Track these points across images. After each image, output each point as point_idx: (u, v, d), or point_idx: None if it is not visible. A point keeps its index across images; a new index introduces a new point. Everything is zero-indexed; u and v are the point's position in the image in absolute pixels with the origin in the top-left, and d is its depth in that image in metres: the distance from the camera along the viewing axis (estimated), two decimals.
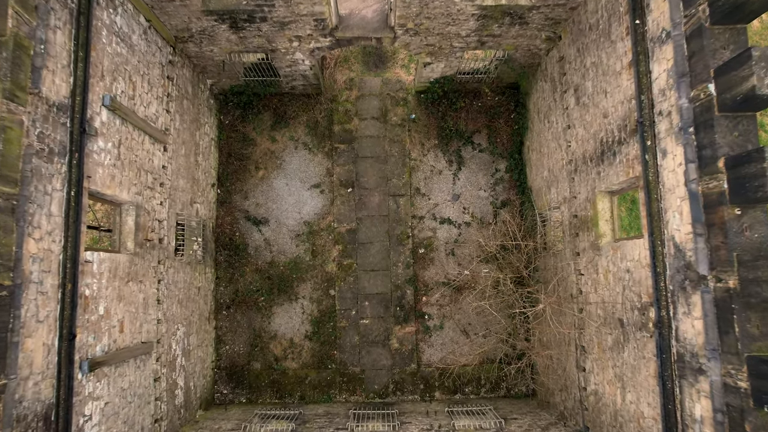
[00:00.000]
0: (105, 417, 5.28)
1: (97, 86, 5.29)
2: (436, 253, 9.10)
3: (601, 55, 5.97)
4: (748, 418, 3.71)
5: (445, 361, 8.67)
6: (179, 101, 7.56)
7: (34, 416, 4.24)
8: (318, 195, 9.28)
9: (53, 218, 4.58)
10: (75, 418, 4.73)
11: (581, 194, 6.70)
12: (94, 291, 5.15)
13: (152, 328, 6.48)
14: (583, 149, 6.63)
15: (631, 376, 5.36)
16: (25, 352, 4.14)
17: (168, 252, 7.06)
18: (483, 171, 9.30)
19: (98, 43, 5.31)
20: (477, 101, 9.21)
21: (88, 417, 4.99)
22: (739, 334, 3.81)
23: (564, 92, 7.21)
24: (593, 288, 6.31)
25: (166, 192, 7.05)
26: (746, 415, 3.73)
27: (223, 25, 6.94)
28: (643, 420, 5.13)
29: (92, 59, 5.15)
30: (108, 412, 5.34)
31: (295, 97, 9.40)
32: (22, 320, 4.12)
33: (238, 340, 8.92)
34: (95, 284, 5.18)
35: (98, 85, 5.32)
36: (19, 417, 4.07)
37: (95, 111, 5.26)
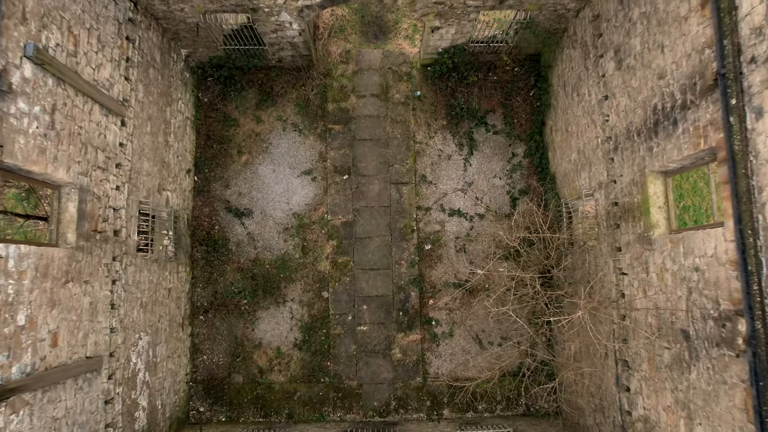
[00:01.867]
0: None
1: (15, 30, 4.13)
2: (444, 249, 7.94)
3: (657, 1, 4.81)
4: None
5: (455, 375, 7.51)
6: (143, 69, 6.40)
7: None
8: (309, 183, 8.11)
9: None
10: None
11: (624, 177, 5.53)
12: (8, 295, 3.99)
13: (103, 339, 5.32)
14: (626, 122, 5.46)
15: (703, 405, 4.20)
16: None
17: (127, 247, 5.90)
18: (498, 156, 8.14)
19: None
20: (492, 75, 8.04)
21: None
22: None
23: (600, 57, 6.04)
24: (641, 290, 5.15)
25: (124, 175, 5.89)
26: None
27: None
28: None
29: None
30: None
31: (283, 71, 8.23)
32: None
33: (217, 349, 7.77)
34: (11, 287, 4.02)
35: (16, 29, 4.15)
36: None
37: (12, 62, 4.09)
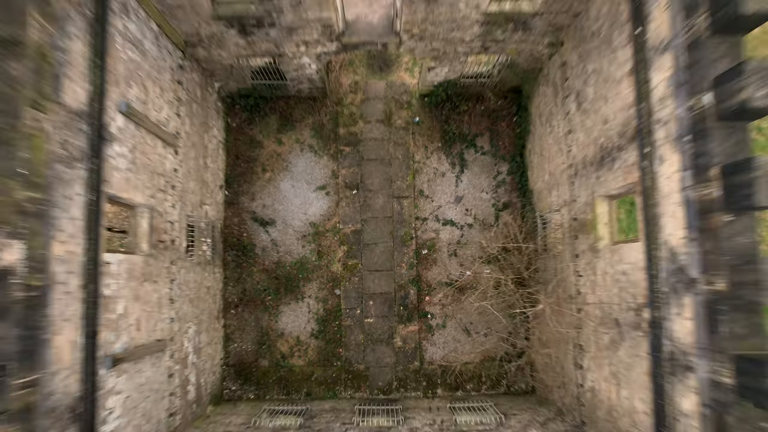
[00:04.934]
0: (125, 410, 5.52)
1: (112, 92, 5.48)
2: (438, 254, 9.32)
3: (603, 62, 6.14)
4: (732, 412, 3.94)
5: (447, 359, 8.92)
6: (189, 105, 7.74)
7: (64, 408, 4.48)
8: (323, 197, 9.48)
9: (75, 222, 4.79)
10: (99, 410, 4.97)
11: (581, 198, 6.89)
12: (113, 291, 5.37)
13: (166, 327, 6.71)
14: (583, 154, 6.81)
15: (626, 374, 5.58)
16: (53, 349, 4.37)
17: (180, 253, 7.28)
18: (485, 173, 9.49)
19: (113, 50, 5.48)
20: (480, 105, 9.38)
21: (111, 410, 5.23)
22: (726, 334, 4.03)
23: (566, 97, 7.38)
24: (591, 289, 6.52)
25: (177, 194, 7.25)
26: (730, 410, 3.95)
27: (232, 30, 7.11)
28: (636, 414, 5.37)
29: (108, 66, 5.33)
30: (128, 405, 5.59)
31: (301, 100, 9.57)
32: (50, 319, 4.34)
33: (246, 338, 9.17)
34: (114, 284, 5.40)
35: (114, 91, 5.50)
36: (51, 409, 4.31)
37: (111, 117, 5.45)
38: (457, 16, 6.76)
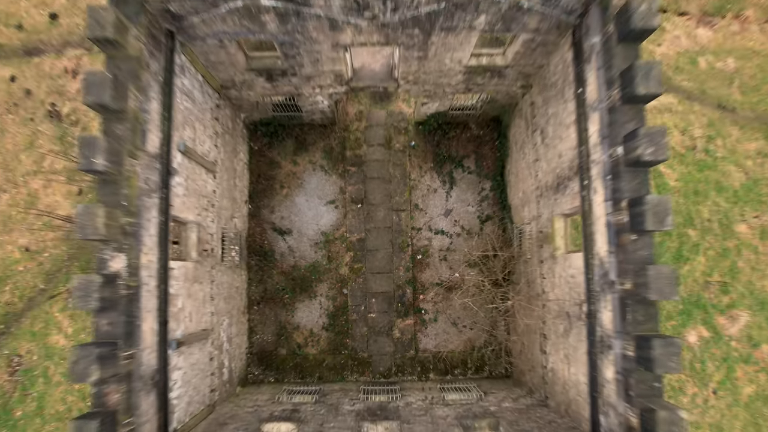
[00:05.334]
0: (183, 383, 7.10)
1: (174, 136, 7.06)
2: (431, 258, 10.89)
3: (558, 109, 7.72)
4: (634, 376, 5.51)
5: (438, 348, 10.49)
6: (223, 136, 9.33)
7: (148, 377, 6.06)
8: (333, 210, 11.06)
9: (152, 238, 6.37)
10: (169, 381, 6.54)
11: (544, 214, 8.47)
12: (175, 290, 6.95)
13: (208, 319, 8.29)
14: (546, 179, 8.39)
15: (573, 354, 7.15)
16: (142, 332, 5.95)
17: (217, 259, 8.86)
18: (471, 190, 11.07)
19: (175, 103, 7.07)
20: (466, 132, 10.96)
21: (175, 381, 6.81)
22: (631, 321, 5.60)
23: (534, 131, 8.96)
24: (551, 288, 8.09)
25: (215, 211, 8.84)
26: (633, 374, 5.52)
27: (261, 78, 8.69)
28: (579, 385, 6.93)
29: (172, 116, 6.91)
30: (185, 379, 7.17)
31: (313, 127, 11.16)
32: (140, 310, 5.92)
33: (267, 330, 10.74)
34: (176, 285, 6.98)
35: (175, 135, 7.09)
36: (141, 376, 5.88)
37: (174, 155, 7.04)
38: (444, 68, 8.34)
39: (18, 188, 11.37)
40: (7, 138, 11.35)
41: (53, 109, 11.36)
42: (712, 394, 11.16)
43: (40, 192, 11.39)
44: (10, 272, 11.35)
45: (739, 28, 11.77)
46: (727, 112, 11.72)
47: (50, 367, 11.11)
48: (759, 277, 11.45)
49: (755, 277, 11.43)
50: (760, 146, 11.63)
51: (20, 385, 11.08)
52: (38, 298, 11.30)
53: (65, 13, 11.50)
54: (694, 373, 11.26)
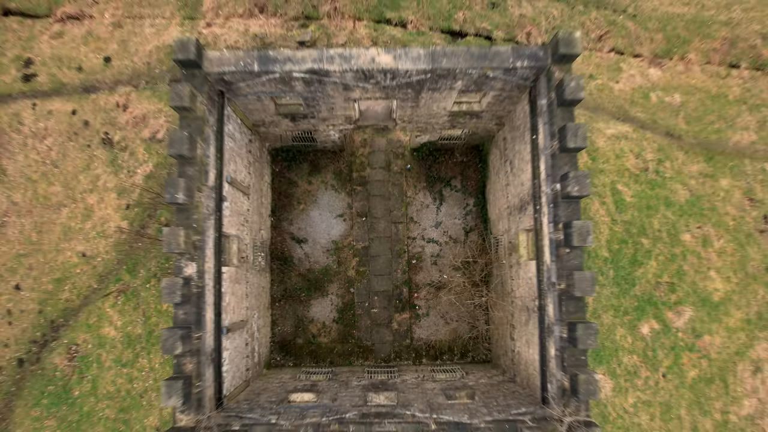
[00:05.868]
0: (230, 361, 9.20)
1: (224, 171, 9.17)
2: (424, 263, 12.99)
3: (521, 147, 9.81)
4: (566, 352, 7.60)
5: (429, 337, 12.59)
6: (254, 164, 11.44)
7: (208, 354, 8.16)
8: (341, 222, 13.16)
9: (211, 249, 8.48)
10: (221, 359, 8.64)
11: (513, 229, 10.56)
12: (225, 289, 9.06)
13: (244, 312, 10.39)
14: (513, 201, 10.49)
15: (531, 339, 9.24)
16: (206, 321, 8.05)
17: (249, 264, 10.96)
18: (457, 205, 13.16)
19: (223, 144, 9.17)
20: (453, 157, 13.07)
21: (224, 359, 8.91)
22: (562, 312, 7.69)
23: (505, 161, 11.06)
24: (517, 288, 10.18)
25: (248, 225, 10.94)
26: (566, 351, 7.62)
27: (286, 119, 10.80)
28: (534, 363, 9.03)
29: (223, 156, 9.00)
30: (231, 358, 9.27)
31: (325, 153, 13.27)
32: (205, 304, 8.02)
33: (287, 323, 12.84)
34: (225, 285, 9.09)
35: (224, 170, 9.19)
36: (204, 352, 7.99)
37: (224, 186, 9.14)
38: (432, 113, 10.45)
39: (76, 203, 13.49)
40: (68, 161, 13.47)
41: (106, 137, 13.48)
42: (662, 377, 13.25)
43: (95, 206, 13.50)
44: (69, 274, 13.47)
45: (684, 68, 13.87)
46: (674, 139, 13.81)
47: (102, 354, 13.22)
48: (701, 278, 13.55)
49: (698, 279, 13.52)
50: (701, 168, 13.73)
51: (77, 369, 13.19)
52: (92, 296, 13.42)
53: (117, 57, 13.63)
54: (646, 360, 13.35)
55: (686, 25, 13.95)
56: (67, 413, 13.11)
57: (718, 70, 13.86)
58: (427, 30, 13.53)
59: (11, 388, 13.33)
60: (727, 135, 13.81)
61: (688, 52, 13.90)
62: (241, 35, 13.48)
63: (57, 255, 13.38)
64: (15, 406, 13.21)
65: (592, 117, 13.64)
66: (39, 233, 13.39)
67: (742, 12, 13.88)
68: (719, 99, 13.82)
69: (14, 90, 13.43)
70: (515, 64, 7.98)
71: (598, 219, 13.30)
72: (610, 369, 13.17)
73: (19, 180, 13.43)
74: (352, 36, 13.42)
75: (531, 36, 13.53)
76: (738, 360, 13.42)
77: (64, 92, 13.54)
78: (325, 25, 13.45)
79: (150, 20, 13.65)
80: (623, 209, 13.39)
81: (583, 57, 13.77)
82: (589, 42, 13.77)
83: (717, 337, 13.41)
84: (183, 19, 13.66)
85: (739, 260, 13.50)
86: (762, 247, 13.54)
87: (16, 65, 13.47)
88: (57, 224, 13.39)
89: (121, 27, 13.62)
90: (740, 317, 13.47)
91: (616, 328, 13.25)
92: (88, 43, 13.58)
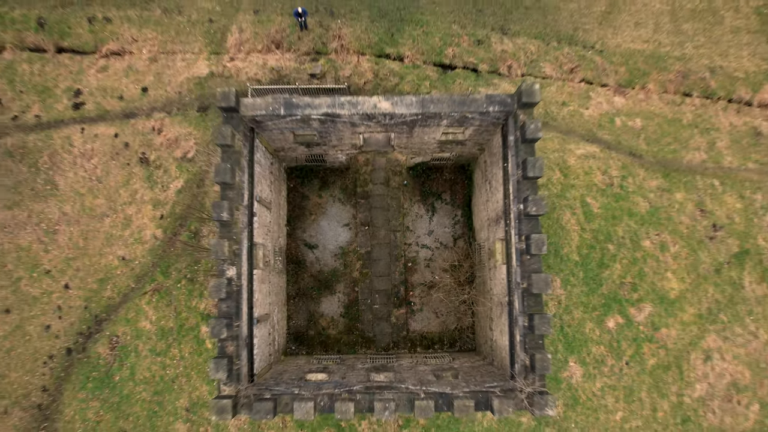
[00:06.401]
0: (258, 346, 11.29)
1: (254, 192, 11.26)
2: (418, 266, 15.06)
3: (496, 170, 11.89)
4: (527, 337, 9.69)
5: (423, 330, 14.68)
6: (274, 183, 13.53)
7: (243, 339, 10.25)
8: (347, 231, 15.23)
9: (244, 256, 10.56)
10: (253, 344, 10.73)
11: (491, 238, 12.65)
12: (255, 288, 11.15)
13: (268, 307, 12.48)
14: (492, 214, 12.57)
15: (503, 329, 11.33)
16: (242, 313, 10.14)
17: (271, 267, 13.05)
18: (447, 216, 15.24)
19: (254, 171, 11.26)
20: (443, 175, 15.15)
21: (255, 344, 11.01)
22: (524, 306, 9.77)
23: (486, 180, 13.15)
24: (494, 287, 12.26)
25: (270, 235, 13.03)
26: (527, 336, 9.71)
27: (302, 146, 12.89)
28: (505, 348, 11.11)
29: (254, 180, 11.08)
30: (259, 344, 11.36)
31: (333, 170, 15.35)
32: (241, 299, 10.10)
33: (300, 317, 14.91)
34: (255, 284, 11.18)
35: (254, 190, 11.28)
36: (241, 338, 10.08)
37: (254, 204, 11.23)
38: (424, 141, 12.54)
39: (117, 214, 15.58)
40: (111, 178, 15.57)
41: (143, 156, 15.57)
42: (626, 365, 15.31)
43: (133, 217, 15.59)
44: (110, 275, 15.55)
45: (644, 96, 15.95)
46: (636, 158, 15.89)
47: (139, 345, 15.30)
48: (659, 279, 15.62)
49: (656, 279, 15.59)
50: (659, 183, 15.81)
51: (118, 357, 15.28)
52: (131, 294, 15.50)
53: (152, 87, 15.73)
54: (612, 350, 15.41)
55: (645, 60, 16.03)
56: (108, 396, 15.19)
57: (674, 99, 15.93)
58: (421, 63, 15.61)
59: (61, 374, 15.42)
60: (682, 154, 15.88)
61: (648, 82, 15.97)
62: (260, 68, 15.56)
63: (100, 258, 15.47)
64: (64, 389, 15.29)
65: (564, 139, 15.71)
66: (85, 240, 15.48)
67: (693, 49, 15.97)
68: (674, 123, 15.89)
69: (66, 117, 15.52)
70: (488, 108, 10.07)
71: (569, 227, 15.37)
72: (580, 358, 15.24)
73: (69, 194, 15.52)
74: (357, 69, 15.50)
75: (512, 68, 15.62)
76: (691, 350, 15.48)
77: (108, 118, 15.64)
78: (333, 59, 15.53)
79: (181, 55, 15.74)
80: (591, 219, 15.45)
81: (557, 86, 15.84)
82: (562, 74, 15.85)
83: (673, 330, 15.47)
84: (210, 54, 15.74)
85: (691, 263, 15.57)
86: (711, 251, 15.62)
87: (68, 95, 15.57)
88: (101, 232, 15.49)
89: (157, 61, 15.71)
90: (693, 313, 15.53)
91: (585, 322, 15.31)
92: (129, 75, 15.67)
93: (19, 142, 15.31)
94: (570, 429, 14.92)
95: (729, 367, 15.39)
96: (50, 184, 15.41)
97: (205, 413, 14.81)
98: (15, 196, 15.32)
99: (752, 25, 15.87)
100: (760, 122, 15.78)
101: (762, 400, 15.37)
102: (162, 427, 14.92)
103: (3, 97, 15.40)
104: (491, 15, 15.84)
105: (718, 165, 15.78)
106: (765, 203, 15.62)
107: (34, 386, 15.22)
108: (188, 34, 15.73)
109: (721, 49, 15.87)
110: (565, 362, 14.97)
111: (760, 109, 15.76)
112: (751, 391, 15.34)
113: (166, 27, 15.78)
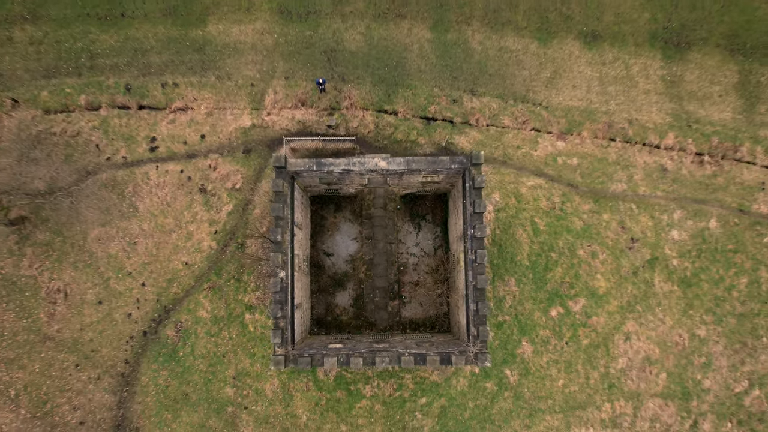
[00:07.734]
0: (296, 324, 16.46)
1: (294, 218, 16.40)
2: (408, 269, 20.20)
3: (459, 204, 17.01)
4: (475, 318, 14.82)
5: (411, 317, 19.85)
6: (304, 209, 18.69)
7: (288, 318, 15.41)
8: (355, 243, 20.37)
9: (289, 263, 15.70)
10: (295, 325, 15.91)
11: (457, 250, 17.78)
12: (295, 284, 16.31)
13: (300, 298, 17.63)
14: (458, 233, 17.69)
15: (462, 312, 16.44)
16: (288, 301, 15.29)
17: (302, 270, 18.21)
18: (430, 233, 20.38)
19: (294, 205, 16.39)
20: (427, 201, 20.31)
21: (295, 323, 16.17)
22: (474, 296, 14.89)
23: (455, 208, 18.27)
24: (459, 285, 17.37)
25: (302, 247, 18.19)
26: (475, 317, 14.83)
27: (323, 184, 18.05)
28: (464, 325, 16.23)
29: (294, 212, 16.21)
30: (296, 324, 16.53)
31: (345, 198, 20.51)
32: (288, 292, 15.27)
33: (320, 306, 20.07)
34: (295, 282, 16.34)
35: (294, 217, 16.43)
36: (287, 317, 15.24)
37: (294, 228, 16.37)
38: (411, 182, 17.68)
39: (182, 230, 20.75)
40: (177, 203, 20.76)
41: (202, 187, 20.74)
42: (565, 344, 20.37)
43: (194, 232, 20.76)
44: (176, 276, 20.71)
45: (579, 141, 21.05)
46: (573, 187, 20.99)
47: (198, 329, 20.47)
48: (591, 279, 20.69)
49: (588, 279, 20.67)
50: (591, 207, 20.90)
51: (181, 338, 20.43)
52: (192, 290, 20.66)
53: (209, 135, 20.91)
54: (555, 333, 20.50)
55: (581, 113, 21.15)
56: (174, 367, 20.36)
57: (602, 143, 21.03)
58: (410, 117, 20.74)
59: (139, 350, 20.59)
60: (608, 185, 20.97)
61: (582, 130, 21.07)
62: (289, 121, 20.71)
63: (168, 263, 20.63)
64: (141, 362, 20.46)
65: (518, 173, 20.82)
66: (157, 249, 20.65)
67: (616, 105, 21.09)
68: (602, 161, 20.98)
69: (144, 157, 20.71)
70: (451, 166, 15.21)
71: (521, 240, 20.46)
72: (530, 339, 20.33)
73: (146, 215, 20.70)
74: (362, 121, 20.64)
75: (479, 120, 20.72)
76: (615, 333, 20.56)
77: (176, 158, 20.82)
78: (345, 113, 20.68)
79: (230, 110, 20.92)
80: (538, 234, 20.54)
81: (513, 134, 20.95)
82: (517, 124, 20.96)
83: (601, 318, 20.54)
84: (252, 110, 20.92)
85: (615, 267, 20.64)
86: (630, 258, 20.70)
87: (146, 141, 20.76)
88: (169, 243, 20.66)
89: (212, 115, 20.90)
90: (616, 305, 20.61)
91: (534, 311, 20.40)
92: (191, 126, 20.86)
93: (111, 176, 20.48)
94: (523, 393, 19.99)
95: (643, 346, 20.45)
96: (132, 208, 20.56)
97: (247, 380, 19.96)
98: (107, 217, 20.48)
99: (659, 89, 21.00)
100: (666, 161, 20.88)
101: (668, 370, 20.42)
102: (215, 390, 20.08)
103: (99, 143, 20.59)
104: (463, 80, 20.97)
105: (635, 193, 20.85)
106: (670, 222, 20.68)
107: (119, 359, 20.38)
108: (236, 95, 20.89)
109: (636, 105, 20.99)
110: (519, 342, 20.04)
111: (666, 150, 20.86)
112: (660, 363, 20.40)
113: (219, 89, 20.95)
